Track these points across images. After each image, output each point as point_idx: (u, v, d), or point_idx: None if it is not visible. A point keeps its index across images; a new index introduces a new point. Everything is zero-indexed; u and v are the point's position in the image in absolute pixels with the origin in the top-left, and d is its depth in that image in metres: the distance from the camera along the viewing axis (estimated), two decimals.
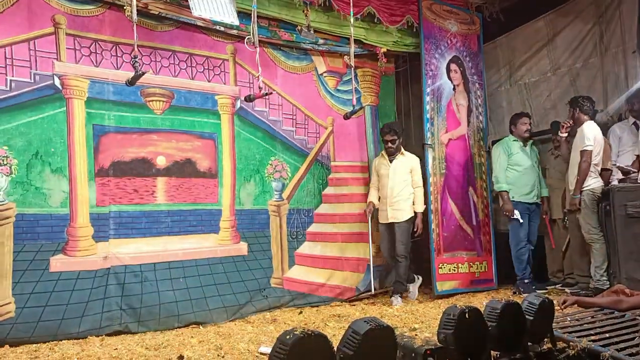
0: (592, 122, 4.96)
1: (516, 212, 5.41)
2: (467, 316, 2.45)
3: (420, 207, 5.34)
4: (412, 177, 5.37)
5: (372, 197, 5.47)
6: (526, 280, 5.38)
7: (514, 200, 5.45)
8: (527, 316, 2.77)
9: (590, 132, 4.85)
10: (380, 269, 5.64)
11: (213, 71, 4.83)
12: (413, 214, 5.32)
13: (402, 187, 5.31)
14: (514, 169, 5.51)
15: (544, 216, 5.62)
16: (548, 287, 5.41)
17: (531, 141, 5.63)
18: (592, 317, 3.68)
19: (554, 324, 3.04)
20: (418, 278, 5.52)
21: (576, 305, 4.03)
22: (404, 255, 5.22)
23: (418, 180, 5.38)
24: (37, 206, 3.90)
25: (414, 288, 5.44)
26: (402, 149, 5.42)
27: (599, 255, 4.86)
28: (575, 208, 4.95)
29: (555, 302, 3.22)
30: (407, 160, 5.40)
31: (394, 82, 6.17)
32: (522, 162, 5.50)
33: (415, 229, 5.30)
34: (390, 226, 5.32)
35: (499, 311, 2.64)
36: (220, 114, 4.86)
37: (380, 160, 5.47)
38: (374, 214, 5.48)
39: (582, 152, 4.84)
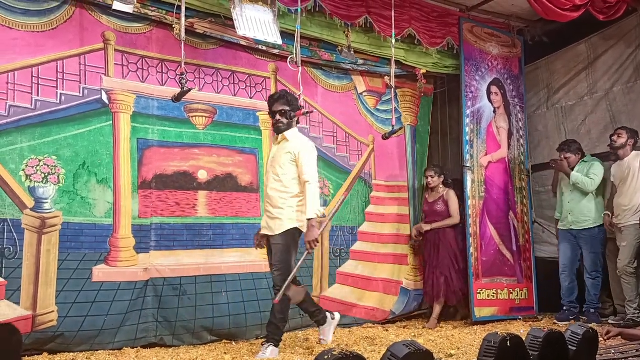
0: None
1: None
2: (508, 344, 2.38)
3: (310, 212, 3.67)
4: (299, 169, 3.77)
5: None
6: (565, 308, 5.24)
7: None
8: (570, 346, 2.67)
9: None
10: (419, 293, 5.54)
11: (255, 88, 4.90)
12: (294, 225, 3.77)
13: (278, 184, 3.78)
14: None
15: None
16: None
17: (578, 165, 5.37)
18: (637, 350, 3.54)
19: (597, 356, 2.94)
20: (333, 317, 4.10)
21: (620, 337, 3.89)
22: (280, 286, 3.62)
23: (305, 172, 3.73)
24: (83, 215, 3.98)
25: (328, 330, 4.04)
26: (293, 133, 3.86)
27: (631, 290, 4.83)
28: None
29: (598, 332, 3.12)
30: (291, 146, 3.79)
31: (431, 103, 6.15)
32: (562, 188, 5.43)
33: (307, 247, 3.70)
34: (269, 240, 3.91)
35: (541, 340, 2.55)
36: (262, 130, 4.91)
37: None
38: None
39: None
